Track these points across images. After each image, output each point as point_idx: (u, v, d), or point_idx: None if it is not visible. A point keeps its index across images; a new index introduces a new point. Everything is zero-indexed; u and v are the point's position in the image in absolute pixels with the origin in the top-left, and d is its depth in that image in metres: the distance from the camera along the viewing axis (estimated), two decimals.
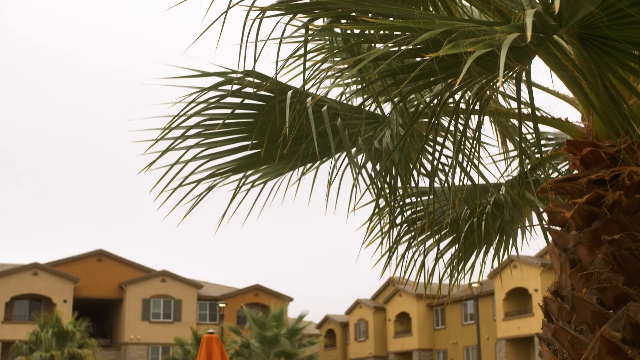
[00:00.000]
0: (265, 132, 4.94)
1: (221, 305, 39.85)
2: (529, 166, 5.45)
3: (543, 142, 5.79)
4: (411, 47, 3.28)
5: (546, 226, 4.35)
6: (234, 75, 4.62)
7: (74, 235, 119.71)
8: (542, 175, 5.45)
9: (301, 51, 4.32)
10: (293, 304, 73.43)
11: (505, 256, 6.05)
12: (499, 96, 5.34)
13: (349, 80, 5.08)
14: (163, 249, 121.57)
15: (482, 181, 5.12)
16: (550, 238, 4.40)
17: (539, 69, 4.39)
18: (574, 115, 4.80)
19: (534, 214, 5.91)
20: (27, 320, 51.23)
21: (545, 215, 4.45)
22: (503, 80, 3.12)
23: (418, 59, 3.75)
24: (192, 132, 4.99)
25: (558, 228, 4.29)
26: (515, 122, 5.43)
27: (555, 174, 5.64)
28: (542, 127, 5.58)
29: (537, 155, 5.78)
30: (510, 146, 5.85)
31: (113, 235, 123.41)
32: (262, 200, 5.40)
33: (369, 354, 64.73)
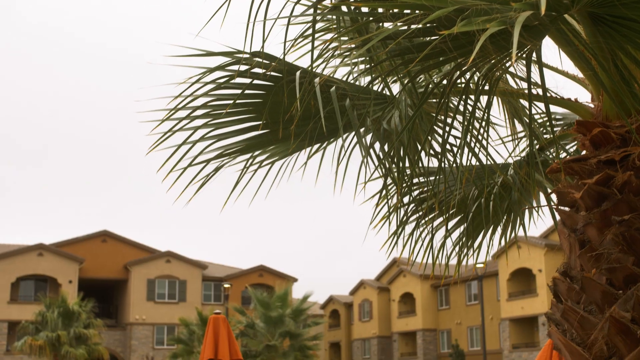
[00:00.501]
0: (273, 113, 4.92)
1: (226, 285, 39.99)
2: (537, 147, 5.43)
3: None
4: (421, 25, 3.26)
5: (555, 207, 4.33)
6: (242, 56, 4.60)
7: (79, 217, 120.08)
8: (551, 156, 5.43)
9: (309, 31, 4.29)
10: (297, 284, 73.78)
11: (513, 236, 6.05)
12: (508, 76, 5.31)
13: (357, 60, 5.05)
14: (167, 231, 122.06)
15: (490, 161, 5.11)
16: (558, 219, 4.38)
17: (547, 47, 4.35)
18: (582, 96, 4.77)
19: (541, 195, 5.90)
20: (32, 301, 51.55)
21: (553, 195, 4.44)
22: (515, 58, 3.09)
23: (427, 38, 3.72)
24: (199, 112, 4.97)
25: (567, 209, 4.28)
26: (524, 102, 5.41)
27: (563, 155, 5.62)
28: (551, 108, 5.55)
29: (546, 136, 5.76)
30: (518, 127, 5.82)
31: (117, 217, 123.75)
32: (268, 181, 5.40)
33: (373, 334, 65.05)
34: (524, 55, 3.78)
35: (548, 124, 5.54)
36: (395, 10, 3.45)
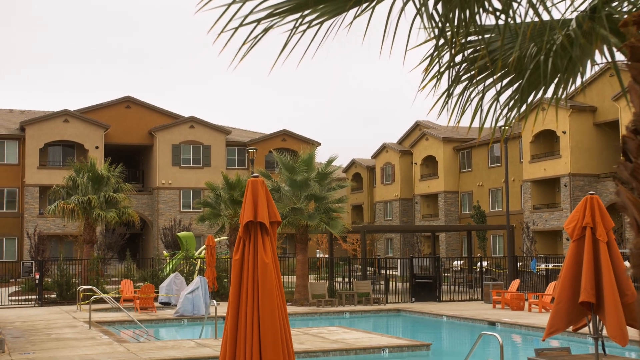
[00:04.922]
0: None
1: (250, 150, 40.32)
2: None
3: None
4: None
5: (626, 62, 4.16)
6: None
7: (101, 83, 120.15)
8: (618, 10, 5.18)
9: None
10: (318, 149, 74.33)
11: (563, 96, 5.90)
12: None
13: None
14: (189, 100, 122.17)
15: (550, 17, 4.89)
16: (625, 76, 4.24)
17: None
18: None
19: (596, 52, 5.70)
20: (61, 166, 52.60)
21: (619, 52, 4.27)
22: None
23: None
24: None
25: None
26: None
27: (627, 8, 5.37)
28: None
29: None
30: None
31: (140, 83, 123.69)
32: (304, 44, 5.24)
33: (395, 197, 66.10)
34: None
35: None
36: None
